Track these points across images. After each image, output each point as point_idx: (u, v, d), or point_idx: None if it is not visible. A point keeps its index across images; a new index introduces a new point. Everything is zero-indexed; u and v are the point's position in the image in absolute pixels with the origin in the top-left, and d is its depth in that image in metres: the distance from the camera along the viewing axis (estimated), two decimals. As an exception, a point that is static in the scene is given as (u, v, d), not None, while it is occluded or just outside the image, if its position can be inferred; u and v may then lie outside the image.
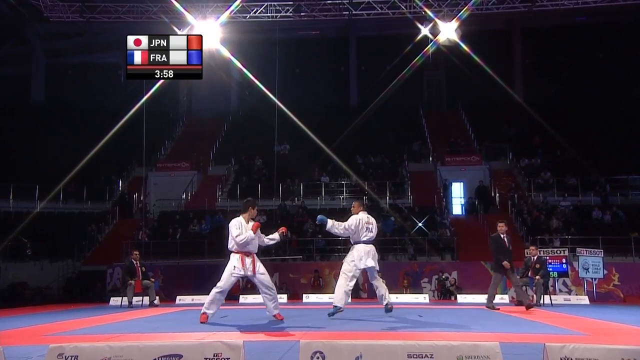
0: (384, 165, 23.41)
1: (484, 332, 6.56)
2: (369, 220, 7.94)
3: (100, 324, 8.13)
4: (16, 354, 4.65)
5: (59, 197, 21.14)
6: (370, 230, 7.88)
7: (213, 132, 27.75)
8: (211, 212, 20.50)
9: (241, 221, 7.27)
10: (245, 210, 7.39)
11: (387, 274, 15.92)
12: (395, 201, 20.66)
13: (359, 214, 7.93)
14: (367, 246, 7.83)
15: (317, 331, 6.61)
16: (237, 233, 7.12)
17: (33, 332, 7.27)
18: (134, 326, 7.13)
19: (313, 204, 21.19)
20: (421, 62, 24.30)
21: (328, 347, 3.76)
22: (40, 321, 8.71)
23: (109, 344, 3.76)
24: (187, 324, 7.86)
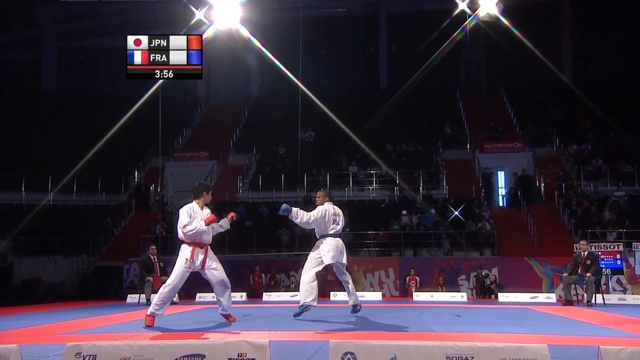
0: (416, 153, 23.23)
1: (530, 333, 6.47)
2: (335, 212, 7.83)
3: (118, 323, 8.32)
4: (32, 353, 4.79)
5: (73, 189, 21.64)
6: (337, 222, 7.77)
7: (233, 119, 27.95)
8: (232, 204, 20.64)
9: (193, 208, 6.93)
10: (199, 195, 7.08)
11: (421, 270, 15.95)
12: (430, 192, 20.51)
13: (325, 204, 7.80)
14: (335, 240, 7.71)
15: (346, 331, 6.62)
16: (185, 222, 6.77)
17: (48, 330, 7.49)
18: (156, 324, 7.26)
19: (340, 195, 21.12)
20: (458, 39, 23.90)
21: (360, 347, 3.76)
22: (55, 319, 8.96)
23: (128, 343, 3.84)
24: (208, 322, 7.97)
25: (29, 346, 5.15)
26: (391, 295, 16.09)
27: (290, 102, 21.73)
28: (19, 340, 5.61)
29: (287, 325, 7.32)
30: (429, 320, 7.89)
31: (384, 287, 16.34)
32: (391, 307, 11.72)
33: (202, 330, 6.92)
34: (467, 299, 14.02)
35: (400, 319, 8.56)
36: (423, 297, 13.87)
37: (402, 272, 16.31)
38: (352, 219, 18.88)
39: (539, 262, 15.82)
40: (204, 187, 7.18)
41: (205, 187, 7.23)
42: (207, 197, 7.11)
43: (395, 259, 17.09)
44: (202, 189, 7.13)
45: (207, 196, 7.11)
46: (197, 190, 7.14)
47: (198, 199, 7.03)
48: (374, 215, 19.34)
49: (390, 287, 16.40)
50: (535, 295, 13.57)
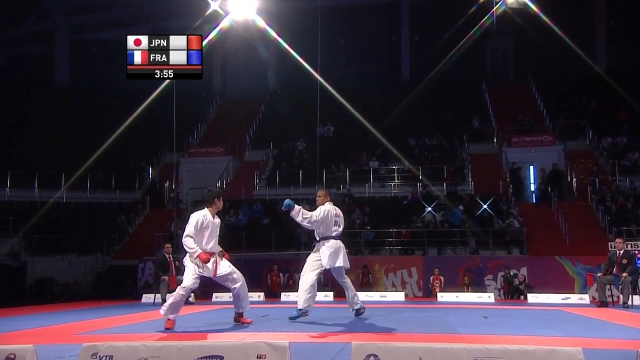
0: (440, 148, 23.09)
1: (562, 336, 6.39)
2: (337, 213, 7.80)
3: (133, 323, 8.43)
4: (47, 353, 4.87)
5: (86, 186, 21.96)
6: (338, 224, 7.75)
7: (249, 113, 28.07)
8: (249, 202, 20.81)
9: (206, 217, 6.91)
10: (211, 203, 7.06)
11: (445, 269, 15.87)
12: (454, 188, 20.36)
13: (326, 204, 7.75)
14: (336, 242, 7.67)
15: (368, 332, 6.62)
16: (191, 232, 6.75)
17: (63, 330, 7.62)
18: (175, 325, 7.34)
19: (360, 191, 21.18)
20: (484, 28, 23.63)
21: (384, 349, 3.75)
22: (70, 319, 9.11)
23: (145, 344, 3.89)
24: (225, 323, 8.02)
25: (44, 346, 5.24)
26: (414, 295, 16.06)
27: (309, 95, 21.67)
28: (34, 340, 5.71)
29: (307, 326, 7.32)
30: (455, 322, 7.85)
31: (407, 287, 16.31)
32: (414, 307, 11.68)
33: (220, 331, 6.97)
34: (494, 299, 13.91)
35: (425, 320, 8.53)
36: (448, 298, 13.81)
37: (425, 272, 16.25)
38: (373, 216, 18.92)
39: (571, 261, 15.64)
40: (215, 195, 7.15)
41: (216, 194, 7.21)
42: (218, 204, 7.10)
43: (418, 258, 17.03)
44: (214, 196, 7.11)
45: (219, 203, 7.11)
46: (209, 197, 7.12)
47: (210, 207, 7.03)
48: (396, 212, 19.30)
49: (413, 287, 16.38)
50: (567, 297, 13.40)
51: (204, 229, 6.87)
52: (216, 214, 7.12)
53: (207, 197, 7.16)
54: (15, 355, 3.70)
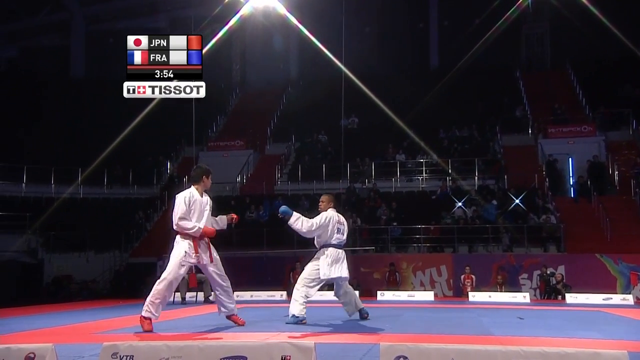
0: (471, 140, 22.88)
1: (605, 338, 6.30)
2: (340, 220, 7.72)
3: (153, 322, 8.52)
4: (67, 352, 4.96)
5: (103, 181, 22.31)
6: (341, 231, 7.67)
7: (270, 105, 28.16)
8: (270, 197, 20.90)
9: (193, 194, 6.80)
10: (198, 180, 6.95)
11: (477, 268, 15.78)
12: (486, 182, 20.18)
13: (329, 210, 7.67)
14: (338, 251, 7.60)
15: (396, 333, 6.61)
16: (182, 213, 6.63)
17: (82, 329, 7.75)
18: (189, 325, 7.45)
19: (386, 186, 21.11)
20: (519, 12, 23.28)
21: (414, 351, 3.73)
22: (88, 318, 9.27)
23: (166, 343, 3.93)
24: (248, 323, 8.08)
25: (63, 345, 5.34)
26: (444, 295, 16.01)
27: (332, 86, 21.65)
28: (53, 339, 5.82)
29: (332, 326, 7.35)
30: (488, 323, 7.78)
31: (436, 286, 16.25)
32: (445, 307, 11.64)
33: (241, 330, 7.02)
34: (529, 300, 13.78)
35: (456, 320, 8.49)
36: (480, 298, 13.73)
37: (456, 270, 16.17)
38: (400, 212, 18.86)
39: (613, 259, 15.40)
40: (203, 171, 7.05)
41: (204, 170, 7.09)
42: (207, 182, 7.00)
43: (448, 256, 16.94)
44: (202, 172, 7.01)
45: (207, 181, 7.01)
46: (196, 174, 7.02)
47: (197, 185, 6.92)
48: (424, 207, 19.21)
49: (443, 286, 16.31)
50: (608, 297, 13.21)
51: (190, 209, 6.74)
52: (205, 192, 7.02)
53: (193, 174, 7.06)
54: (35, 354, 3.78)
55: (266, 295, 14.54)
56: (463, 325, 7.77)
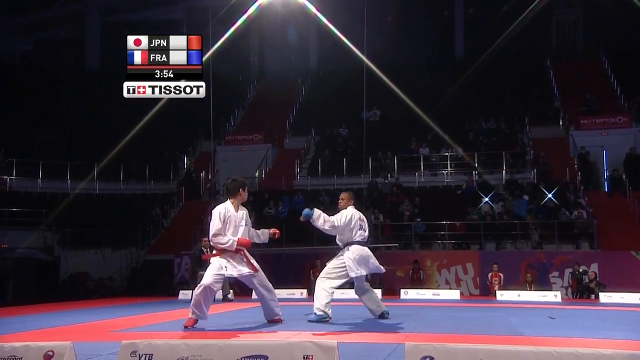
0: (499, 132, 22.68)
1: (640, 340, 6.20)
2: (361, 217, 7.78)
3: (170, 320, 8.63)
4: (85, 351, 5.04)
5: (119, 176, 22.56)
6: (363, 228, 7.72)
7: (289, 97, 28.19)
8: (289, 192, 20.95)
9: (228, 209, 6.90)
10: (235, 194, 7.04)
11: (505, 265, 15.68)
12: (514, 176, 20.00)
13: (349, 208, 7.72)
14: (363, 249, 7.63)
15: (421, 332, 6.60)
16: (217, 229, 6.75)
17: (99, 327, 7.88)
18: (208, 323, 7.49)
19: (410, 180, 21.02)
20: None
21: (440, 351, 3.72)
22: (105, 316, 9.42)
23: (185, 342, 3.98)
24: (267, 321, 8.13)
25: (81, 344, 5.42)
26: (470, 293, 15.94)
27: (353, 77, 21.61)
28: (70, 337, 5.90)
29: (354, 325, 7.36)
30: (518, 323, 7.74)
31: (462, 284, 16.18)
32: (471, 307, 11.61)
33: (262, 329, 7.06)
34: (561, 299, 13.71)
35: (483, 320, 8.46)
36: (508, 297, 13.68)
37: (482, 268, 16.07)
38: (424, 207, 18.78)
39: (650, 257, 15.15)
40: (240, 184, 7.11)
41: (241, 183, 7.17)
42: (243, 195, 7.07)
43: (474, 253, 16.85)
44: (238, 185, 7.07)
45: (244, 194, 7.09)
46: (233, 187, 7.09)
47: (233, 198, 7.01)
48: (449, 203, 19.10)
49: (469, 285, 16.24)
50: (644, 296, 13.03)
51: (225, 225, 6.85)
52: (242, 205, 7.09)
53: (230, 188, 7.16)
54: (54, 352, 3.85)
55: (286, 294, 14.61)
56: (491, 325, 7.73)
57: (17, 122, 23.65)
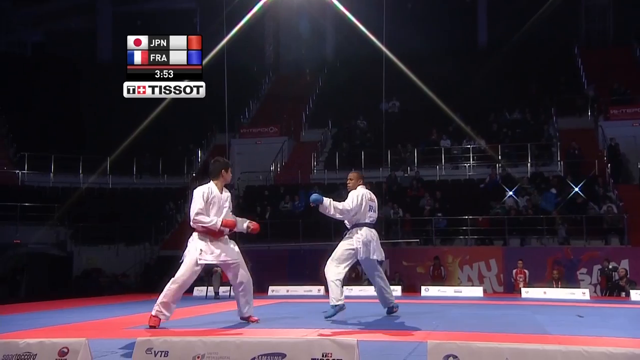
0: (524, 123, 22.47)
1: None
2: (371, 197, 7.65)
3: (186, 317, 8.70)
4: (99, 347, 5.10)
5: (132, 171, 22.76)
6: (373, 209, 7.61)
7: (305, 88, 28.18)
8: (306, 186, 20.96)
9: (211, 190, 6.82)
10: (217, 175, 6.95)
11: (530, 262, 15.61)
12: (540, 169, 19.82)
13: (358, 188, 7.60)
14: (371, 231, 7.54)
15: (443, 331, 6.59)
16: (198, 208, 6.64)
17: (113, 324, 7.98)
18: (224, 320, 7.56)
19: (430, 174, 20.94)
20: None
21: (464, 350, 3.71)
22: (119, 313, 9.53)
23: (201, 339, 4.01)
24: (284, 319, 8.17)
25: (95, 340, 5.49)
26: (494, 291, 15.89)
27: (371, 67, 21.52)
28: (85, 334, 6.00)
29: (374, 323, 7.37)
30: (544, 321, 7.69)
31: (485, 281, 16.13)
32: (495, 304, 11.55)
33: (279, 327, 7.09)
34: (589, 296, 13.55)
35: (508, 318, 8.42)
36: (534, 294, 13.61)
37: (507, 264, 16.00)
38: (445, 201, 18.71)
39: (683, 253, 14.97)
40: (222, 165, 7.03)
41: (223, 164, 7.08)
42: (226, 176, 7.00)
43: (498, 249, 16.77)
44: (220, 166, 7.00)
45: (227, 175, 7.01)
46: (215, 168, 7.02)
47: (216, 179, 6.93)
48: (471, 197, 19.02)
49: (492, 282, 16.19)
50: (677, 294, 12.87)
51: (209, 205, 6.74)
52: (225, 187, 7.03)
53: (212, 169, 7.06)
54: (69, 348, 3.90)
55: (303, 290, 14.64)
56: (516, 323, 7.69)
57: (28, 116, 23.94)
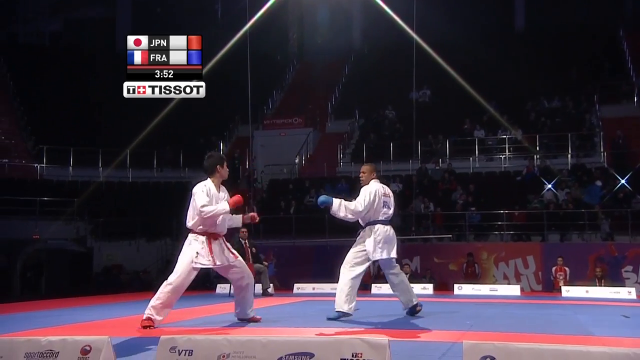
0: (564, 112, 22.20)
1: None
2: (385, 192, 7.49)
3: (209, 315, 8.81)
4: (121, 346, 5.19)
5: (153, 164, 23.01)
6: (388, 205, 7.45)
7: (331, 77, 28.16)
8: (332, 180, 20.99)
9: (209, 187, 6.73)
10: (212, 171, 6.81)
11: (571, 259, 15.44)
12: (581, 160, 19.55)
13: (371, 183, 7.46)
14: (386, 228, 7.37)
15: (479, 331, 6.55)
16: (204, 201, 6.56)
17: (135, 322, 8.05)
18: (248, 318, 7.59)
19: (463, 166, 20.79)
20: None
21: (503, 350, 3.67)
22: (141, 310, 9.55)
23: (227, 338, 4.03)
24: (311, 317, 8.21)
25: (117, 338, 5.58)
26: (532, 289, 15.75)
27: (401, 55, 21.42)
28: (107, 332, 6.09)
29: (404, 322, 7.34)
30: (587, 321, 7.62)
31: (522, 279, 15.99)
32: (533, 304, 11.49)
33: (305, 326, 7.12)
34: (635, 296, 13.37)
35: (547, 318, 8.35)
36: (575, 293, 13.48)
37: (545, 262, 15.82)
38: (479, 195, 18.57)
39: None
40: (216, 160, 6.86)
41: (218, 159, 6.90)
42: (222, 172, 6.85)
43: (536, 245, 16.60)
44: (215, 162, 6.83)
45: (222, 171, 6.85)
46: (209, 164, 6.84)
47: (212, 176, 6.80)
48: (507, 190, 18.90)
49: (530, 280, 16.03)
50: None
51: (211, 199, 6.69)
52: (222, 184, 6.91)
53: (206, 165, 6.88)
54: (91, 346, 3.96)
55: (330, 288, 14.57)
56: (557, 323, 7.62)
57: (47, 107, 24.32)
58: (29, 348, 4.07)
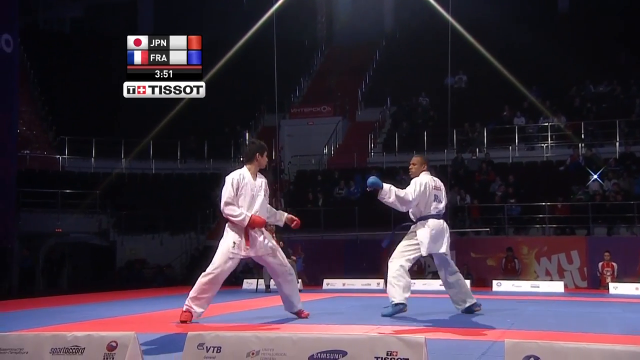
0: (611, 97, 21.86)
1: None
2: (436, 185, 7.46)
3: (236, 311, 8.92)
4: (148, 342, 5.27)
5: (176, 155, 23.22)
6: (439, 199, 7.41)
7: (361, 63, 28.08)
8: (362, 171, 20.94)
9: (243, 176, 6.77)
10: (251, 159, 6.91)
11: (619, 254, 15.33)
12: (630, 148, 19.28)
13: (421, 175, 7.42)
14: (440, 222, 7.35)
15: (520, 329, 6.51)
16: (229, 198, 6.65)
17: (160, 317, 8.21)
18: (276, 315, 7.65)
19: (502, 156, 20.62)
20: None
21: (547, 350, 3.63)
22: (165, 306, 9.78)
23: (256, 334, 4.06)
24: (342, 314, 8.23)
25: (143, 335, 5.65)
26: (576, 286, 15.70)
27: (435, 39, 21.24)
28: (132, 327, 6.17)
29: (441, 320, 7.33)
30: (638, 320, 7.50)
31: (566, 275, 15.92)
32: (578, 301, 11.40)
33: (336, 322, 7.14)
34: (690, 293, 13.15)
35: (594, 316, 8.29)
36: (623, 290, 13.35)
37: (591, 257, 15.70)
38: (519, 186, 18.43)
39: None
40: (257, 148, 7.00)
41: (258, 147, 7.02)
42: (261, 160, 6.94)
43: (581, 239, 16.49)
44: (255, 149, 6.96)
45: (262, 160, 6.95)
46: (249, 150, 7.04)
47: (250, 164, 6.89)
48: (549, 181, 18.73)
49: (574, 276, 15.97)
50: None
51: (239, 194, 6.73)
52: (260, 172, 6.99)
53: (246, 151, 7.11)
54: (117, 342, 4.02)
55: (361, 284, 14.71)
56: (604, 322, 7.54)
57: (67, 96, 24.65)
58: (54, 344, 4.14)
